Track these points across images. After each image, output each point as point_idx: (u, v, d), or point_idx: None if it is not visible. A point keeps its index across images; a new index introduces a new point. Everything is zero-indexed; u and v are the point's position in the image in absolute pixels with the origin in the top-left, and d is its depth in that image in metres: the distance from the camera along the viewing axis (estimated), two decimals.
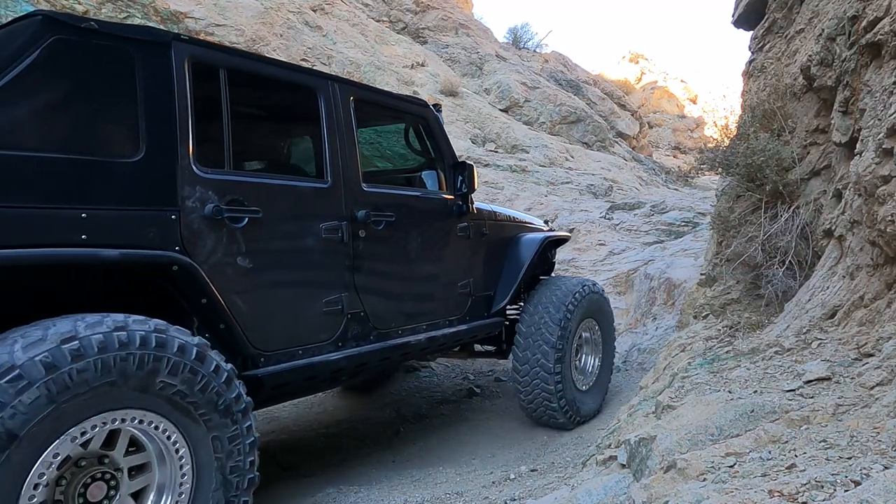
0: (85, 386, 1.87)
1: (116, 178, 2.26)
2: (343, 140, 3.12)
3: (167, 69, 2.44)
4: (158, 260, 2.28)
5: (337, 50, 10.54)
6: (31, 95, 2.14)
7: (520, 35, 18.75)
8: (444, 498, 3.18)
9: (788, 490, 1.47)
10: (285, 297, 2.81)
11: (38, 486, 1.81)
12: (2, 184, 1.98)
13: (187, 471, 2.15)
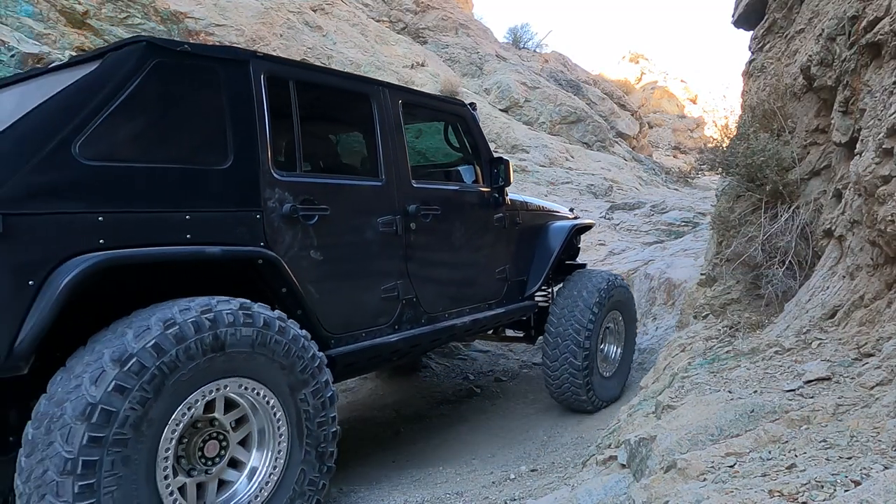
0: (190, 362, 2.17)
1: (211, 183, 2.57)
2: (394, 141, 3.42)
3: (247, 84, 2.74)
4: (249, 254, 2.60)
5: (337, 50, 10.54)
6: (141, 113, 2.43)
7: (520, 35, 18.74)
8: (444, 498, 3.18)
9: (788, 490, 1.47)
10: (350, 285, 3.13)
11: (168, 449, 2.15)
12: (124, 192, 2.30)
13: (282, 424, 2.48)
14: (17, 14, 6.84)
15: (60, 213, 2.15)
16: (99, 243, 2.19)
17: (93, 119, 2.28)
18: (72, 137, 2.22)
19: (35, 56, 6.02)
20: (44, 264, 2.09)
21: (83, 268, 2.09)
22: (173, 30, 8.17)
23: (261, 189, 2.70)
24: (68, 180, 2.19)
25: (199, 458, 2.29)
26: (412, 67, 12.16)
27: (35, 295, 2.06)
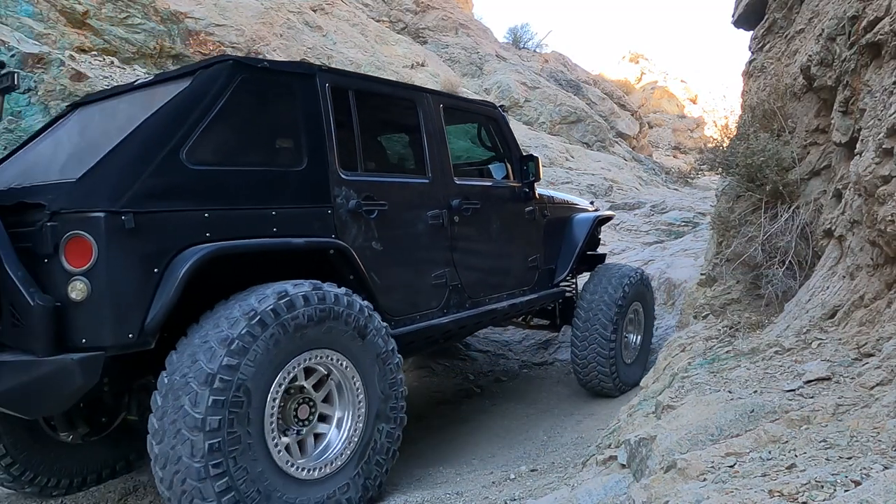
0: (297, 329, 2.54)
1: (290, 183, 2.91)
2: (437, 142, 3.76)
3: (315, 94, 3.07)
4: (325, 245, 2.96)
5: (337, 50, 10.53)
6: (232, 123, 2.79)
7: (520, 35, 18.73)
8: (444, 498, 3.18)
9: (788, 490, 1.47)
10: (406, 272, 3.46)
11: (273, 413, 2.48)
12: (223, 192, 2.64)
13: (359, 386, 2.82)
14: (17, 14, 6.84)
15: (175, 210, 2.49)
16: (206, 236, 2.52)
17: (195, 129, 2.61)
18: (179, 145, 2.55)
19: (35, 56, 6.02)
20: (165, 255, 2.42)
21: (199, 257, 2.44)
22: (173, 30, 8.17)
23: (330, 188, 3.04)
24: (179, 183, 2.53)
25: (294, 420, 2.65)
26: (412, 67, 12.16)
27: (159, 281, 2.39)
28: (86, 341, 2.30)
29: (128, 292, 2.34)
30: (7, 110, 5.76)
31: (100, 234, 2.28)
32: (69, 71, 6.16)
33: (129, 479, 3.81)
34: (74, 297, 2.28)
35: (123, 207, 2.33)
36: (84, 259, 2.28)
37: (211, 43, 8.55)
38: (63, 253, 2.30)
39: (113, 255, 2.30)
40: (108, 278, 2.29)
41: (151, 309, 2.35)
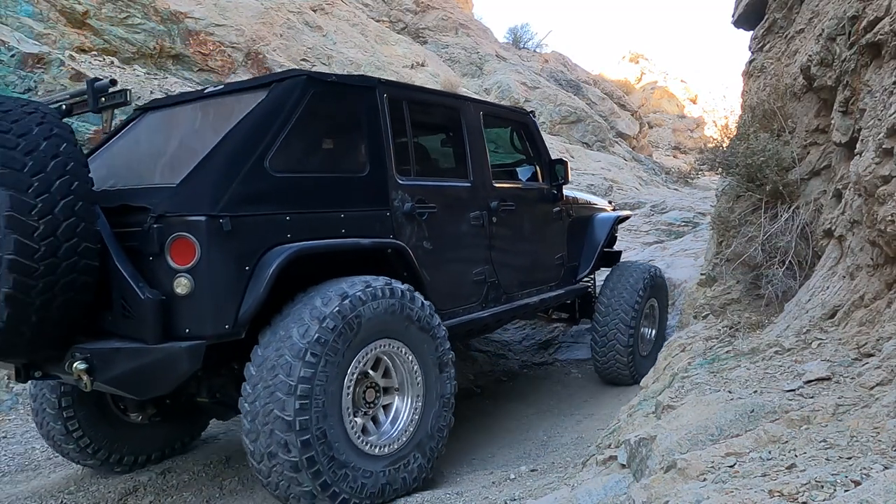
0: (361, 324, 2.79)
1: (355, 188, 3.17)
2: (478, 146, 4.03)
3: (375, 105, 3.32)
4: (387, 245, 3.23)
5: (337, 50, 10.53)
6: (307, 133, 3.05)
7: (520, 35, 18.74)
8: (444, 498, 3.18)
9: (788, 490, 1.47)
10: (452, 269, 3.73)
11: (349, 393, 2.78)
12: (301, 197, 2.91)
13: (417, 370, 3.10)
14: (17, 14, 6.84)
15: (263, 214, 2.75)
16: (287, 237, 2.78)
17: (276, 139, 2.85)
18: (264, 154, 2.80)
19: (35, 56, 6.02)
20: (255, 254, 2.68)
21: (285, 256, 2.70)
22: (173, 30, 8.17)
23: (389, 192, 3.30)
24: (265, 189, 2.78)
25: (363, 403, 2.92)
26: (412, 67, 12.16)
27: (250, 277, 2.65)
28: (189, 331, 2.57)
29: (225, 288, 2.61)
30: None
31: (202, 235, 2.55)
32: (69, 71, 6.16)
33: (128, 480, 3.82)
34: (179, 292, 2.54)
35: (221, 211, 2.60)
36: (188, 258, 2.55)
37: (211, 43, 8.55)
38: (168, 252, 2.56)
39: (213, 254, 2.57)
40: (209, 275, 2.57)
41: (244, 303, 2.63)
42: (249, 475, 3.84)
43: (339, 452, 2.71)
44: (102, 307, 2.66)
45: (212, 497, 3.62)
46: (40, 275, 2.39)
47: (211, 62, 8.49)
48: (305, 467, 2.58)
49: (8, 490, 3.77)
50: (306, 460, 2.58)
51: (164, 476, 3.85)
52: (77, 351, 2.59)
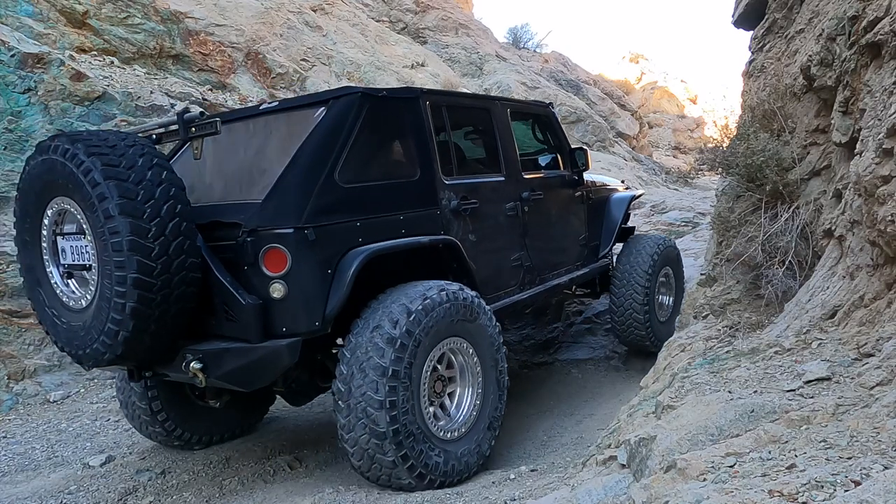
0: (440, 321, 3.15)
1: (409, 192, 3.49)
2: (508, 142, 4.34)
3: (420, 113, 3.64)
4: (441, 241, 3.55)
5: (337, 50, 10.52)
6: (367, 145, 3.33)
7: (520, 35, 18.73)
8: (444, 498, 3.18)
9: (788, 490, 1.46)
10: (493, 258, 4.06)
11: (426, 381, 3.13)
12: (367, 204, 3.22)
13: (478, 364, 3.44)
14: (17, 14, 6.84)
15: (338, 222, 3.07)
16: (358, 241, 3.11)
17: (342, 153, 3.15)
18: (333, 168, 3.10)
19: (35, 56, 6.02)
20: (334, 258, 3.01)
21: (362, 258, 3.04)
22: (173, 30, 8.17)
23: (437, 192, 3.62)
24: (338, 199, 3.10)
25: (433, 393, 3.24)
26: (412, 67, 12.15)
27: (332, 279, 2.98)
28: (285, 329, 2.92)
29: (313, 290, 2.95)
30: (6, 110, 5.76)
31: (291, 245, 2.88)
32: (69, 71, 6.16)
33: (128, 480, 3.82)
34: (275, 296, 2.89)
35: (305, 223, 2.92)
36: (280, 266, 2.88)
37: (211, 43, 8.55)
38: (262, 262, 2.90)
39: (301, 261, 2.90)
40: (300, 280, 2.90)
41: (329, 302, 2.97)
42: (249, 475, 3.84)
43: (418, 432, 3.06)
44: (205, 312, 3.01)
45: (212, 497, 3.62)
46: (157, 289, 2.73)
47: (211, 62, 8.49)
48: (391, 439, 2.92)
49: (8, 490, 3.78)
50: (392, 432, 2.93)
51: (164, 476, 3.85)
52: (189, 352, 2.94)
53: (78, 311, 2.94)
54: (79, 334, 2.91)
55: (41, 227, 3.03)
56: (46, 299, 3.08)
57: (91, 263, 2.84)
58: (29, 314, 5.14)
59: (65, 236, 2.99)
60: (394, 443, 2.94)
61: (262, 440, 4.33)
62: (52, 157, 2.82)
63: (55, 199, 2.90)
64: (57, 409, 4.87)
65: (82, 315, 2.91)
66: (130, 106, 6.45)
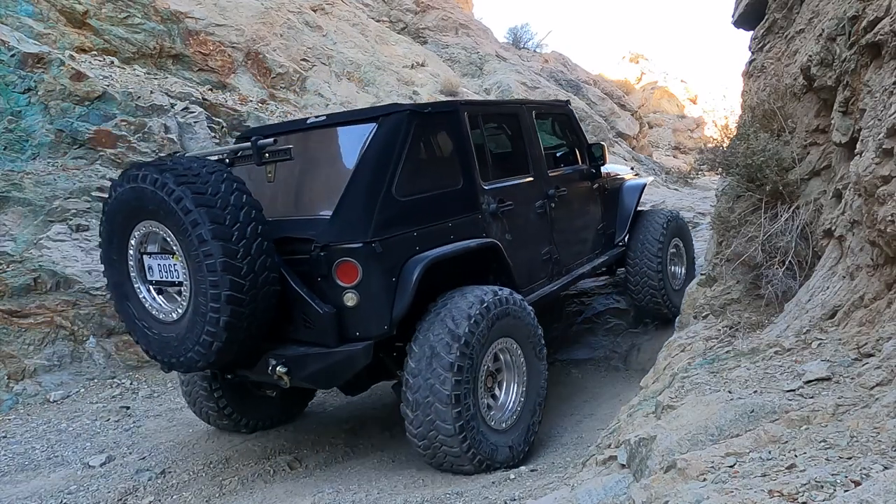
0: (494, 322, 3.44)
1: (455, 199, 3.76)
2: (534, 143, 4.64)
3: (460, 124, 3.88)
4: (488, 245, 3.80)
5: (337, 50, 10.52)
6: (417, 159, 3.60)
7: (520, 35, 18.70)
8: (443, 498, 3.18)
9: (788, 490, 1.46)
10: (527, 254, 4.33)
11: (483, 374, 3.42)
12: (421, 214, 3.48)
13: (523, 361, 3.72)
14: (17, 14, 6.84)
15: (398, 234, 3.33)
16: (416, 250, 3.39)
17: (396, 169, 3.39)
18: (391, 184, 3.35)
19: (35, 56, 6.02)
20: (397, 267, 3.29)
21: (423, 266, 3.31)
22: (173, 29, 8.16)
23: (478, 197, 3.88)
24: (396, 213, 3.35)
25: (486, 388, 3.51)
26: (412, 67, 12.15)
27: (396, 286, 3.26)
28: (359, 334, 3.22)
29: (382, 297, 3.22)
30: (6, 110, 5.76)
31: (361, 258, 3.15)
32: (69, 71, 6.16)
33: (128, 480, 3.82)
34: (349, 304, 3.18)
35: (372, 237, 3.19)
36: (352, 277, 3.16)
37: (211, 43, 8.55)
38: (336, 274, 3.18)
39: (371, 272, 3.17)
40: (370, 288, 3.18)
41: (395, 307, 3.25)
42: (249, 475, 3.84)
43: (478, 423, 3.35)
44: (281, 319, 3.28)
45: (212, 497, 3.63)
46: (246, 303, 3.01)
47: (211, 62, 8.49)
48: (455, 428, 3.21)
49: (8, 490, 3.78)
50: (456, 422, 3.21)
51: (164, 476, 3.85)
52: (273, 357, 3.24)
53: (169, 324, 3.21)
54: (172, 344, 3.19)
55: (128, 248, 3.28)
56: (136, 312, 3.33)
57: (182, 281, 3.10)
58: (29, 314, 5.14)
59: (151, 255, 3.25)
60: (458, 431, 3.23)
61: (262, 440, 4.33)
62: (140, 186, 3.04)
63: (142, 222, 3.15)
64: (57, 409, 4.87)
65: (174, 327, 3.18)
66: (130, 106, 6.45)
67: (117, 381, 5.22)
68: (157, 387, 5.24)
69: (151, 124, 6.47)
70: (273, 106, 8.58)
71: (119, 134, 6.22)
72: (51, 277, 5.27)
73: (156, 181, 2.99)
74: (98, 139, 6.09)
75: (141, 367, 5.36)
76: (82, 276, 5.36)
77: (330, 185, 3.46)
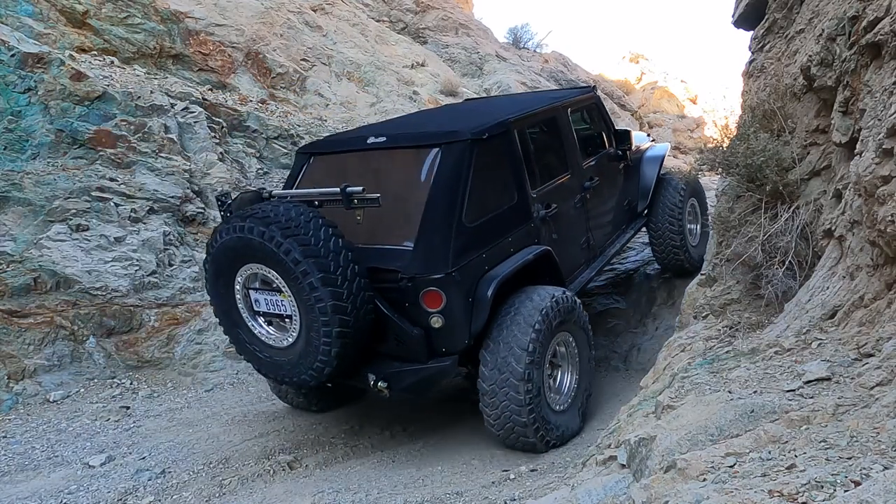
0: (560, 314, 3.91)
1: (511, 215, 4.05)
2: (570, 140, 4.89)
3: (512, 143, 4.15)
4: (543, 252, 4.13)
5: (337, 50, 10.52)
6: (480, 183, 3.82)
7: (520, 35, 18.68)
8: (443, 498, 3.18)
9: (788, 490, 1.46)
10: (569, 248, 4.66)
11: (548, 358, 3.90)
12: (487, 236, 3.81)
13: (576, 352, 4.19)
14: (17, 14, 6.84)
15: (471, 259, 3.68)
16: (485, 269, 3.75)
17: (463, 198, 3.68)
18: (460, 213, 3.65)
19: (35, 56, 6.02)
20: (472, 288, 3.67)
21: (494, 286, 3.68)
22: (173, 29, 8.16)
23: (530, 207, 4.18)
24: (468, 239, 3.67)
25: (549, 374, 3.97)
26: (412, 67, 12.15)
27: (472, 305, 3.65)
28: (444, 350, 3.63)
29: (462, 317, 3.60)
30: (6, 110, 5.76)
31: (444, 287, 3.51)
32: (69, 71, 6.16)
33: (128, 480, 3.82)
34: (435, 326, 3.55)
35: (452, 267, 3.54)
36: (437, 303, 3.52)
37: (211, 43, 8.55)
38: (422, 301, 3.53)
39: (452, 297, 3.53)
40: (452, 311, 3.54)
41: (473, 323, 3.65)
42: (249, 475, 3.84)
43: (544, 406, 3.80)
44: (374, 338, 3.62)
45: (212, 497, 3.63)
46: (352, 335, 3.41)
47: (211, 62, 8.48)
48: (526, 405, 3.65)
49: (8, 490, 3.78)
50: (528, 410, 3.67)
51: (164, 476, 3.86)
52: (372, 372, 3.67)
53: (281, 349, 3.60)
54: (284, 367, 3.63)
55: (234, 283, 3.64)
56: (246, 338, 3.73)
57: (290, 314, 3.49)
58: (28, 314, 5.14)
59: (257, 290, 3.61)
60: (528, 408, 3.67)
61: (262, 440, 4.33)
62: (247, 237, 3.38)
63: (248, 264, 3.51)
64: (57, 408, 4.87)
65: (286, 352, 3.58)
66: (130, 106, 6.44)
67: (117, 381, 5.22)
68: (157, 387, 5.24)
69: (151, 124, 6.46)
70: (273, 106, 8.58)
71: (119, 134, 6.22)
72: (51, 277, 5.27)
73: (262, 234, 3.31)
74: (98, 139, 6.09)
75: (141, 367, 5.36)
76: (82, 276, 5.36)
77: (405, 213, 3.73)
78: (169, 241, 5.92)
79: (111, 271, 5.47)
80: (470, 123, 4.08)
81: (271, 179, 7.39)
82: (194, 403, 4.99)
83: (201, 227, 6.31)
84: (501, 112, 4.48)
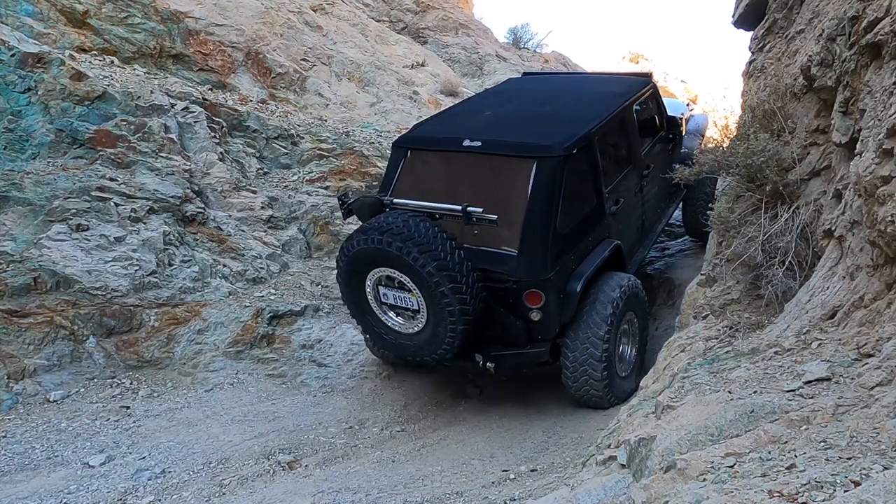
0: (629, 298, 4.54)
1: (591, 216, 4.56)
2: (634, 134, 5.28)
3: (594, 152, 4.55)
4: (617, 247, 4.67)
5: (337, 50, 10.51)
6: (569, 195, 4.27)
7: (520, 35, 18.67)
8: (443, 498, 3.18)
9: (788, 490, 1.47)
10: (629, 231, 5.19)
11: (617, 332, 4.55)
12: (576, 239, 4.38)
13: (636, 323, 4.81)
14: (17, 14, 6.84)
15: (564, 262, 4.26)
16: (572, 269, 4.31)
17: (557, 209, 4.16)
18: (555, 222, 4.16)
19: (35, 55, 6.01)
20: (563, 286, 4.26)
21: (581, 284, 4.27)
22: (173, 29, 8.16)
23: (605, 206, 4.66)
24: (561, 245, 4.22)
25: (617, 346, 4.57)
26: (412, 67, 12.14)
27: (563, 300, 4.25)
28: (541, 337, 4.30)
29: (556, 311, 4.21)
30: (6, 110, 5.76)
31: (544, 288, 4.12)
32: (69, 70, 6.16)
33: (128, 480, 3.82)
34: (535, 319, 4.18)
35: (550, 272, 4.12)
36: (538, 301, 4.13)
37: (211, 43, 8.54)
38: (525, 299, 4.13)
39: (549, 296, 4.14)
40: (549, 307, 4.15)
41: (563, 315, 4.28)
42: (249, 475, 3.84)
43: (614, 373, 4.48)
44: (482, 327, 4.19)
45: (212, 497, 3.63)
46: (471, 329, 4.05)
47: (211, 62, 8.48)
48: (602, 364, 4.31)
49: (8, 490, 3.78)
50: (603, 376, 4.34)
51: (164, 476, 3.85)
52: (481, 354, 4.31)
53: (407, 335, 4.23)
54: (410, 349, 4.31)
55: (366, 280, 4.18)
56: (373, 322, 4.32)
57: (417, 309, 4.08)
58: (28, 314, 5.14)
59: (385, 286, 4.16)
60: (604, 382, 4.35)
61: (262, 440, 4.33)
62: (386, 249, 3.90)
63: (381, 267, 4.05)
64: (57, 408, 4.86)
65: (413, 338, 4.21)
66: (130, 106, 6.44)
67: (117, 380, 5.22)
68: (156, 387, 5.24)
69: (151, 124, 6.46)
70: (273, 106, 8.58)
71: (119, 134, 6.21)
72: (51, 277, 5.26)
73: (401, 248, 3.85)
74: (98, 139, 6.08)
75: (141, 366, 5.36)
76: (82, 276, 5.36)
77: (506, 220, 4.11)
78: (169, 241, 5.91)
79: (111, 271, 5.47)
80: (557, 131, 4.48)
81: (271, 179, 7.39)
82: (194, 403, 4.99)
83: (201, 226, 6.30)
84: (579, 113, 4.87)
